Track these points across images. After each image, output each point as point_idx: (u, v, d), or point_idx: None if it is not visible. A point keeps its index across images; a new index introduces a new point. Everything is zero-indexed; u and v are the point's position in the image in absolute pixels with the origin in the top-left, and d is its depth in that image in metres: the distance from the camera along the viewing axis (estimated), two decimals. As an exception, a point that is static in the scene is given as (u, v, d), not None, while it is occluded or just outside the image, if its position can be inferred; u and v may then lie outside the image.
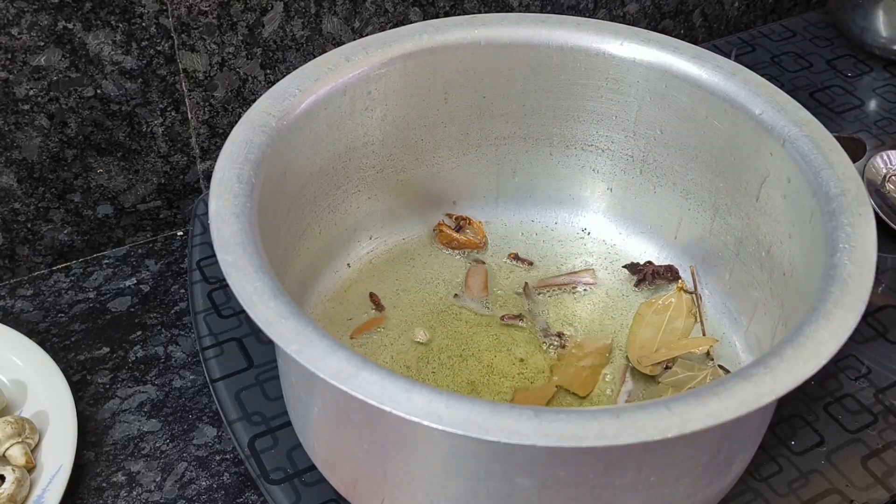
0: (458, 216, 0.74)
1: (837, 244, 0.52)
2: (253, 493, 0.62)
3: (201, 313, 0.69)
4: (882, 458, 0.62)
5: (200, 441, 0.65)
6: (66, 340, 0.71)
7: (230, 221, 0.52)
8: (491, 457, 0.47)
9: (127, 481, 0.62)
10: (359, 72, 0.63)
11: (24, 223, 0.74)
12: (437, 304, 0.69)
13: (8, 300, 0.74)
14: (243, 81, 0.76)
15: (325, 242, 0.68)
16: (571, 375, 0.64)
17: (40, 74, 0.68)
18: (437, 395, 0.44)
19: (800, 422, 0.64)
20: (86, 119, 0.71)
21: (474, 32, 0.66)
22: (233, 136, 0.57)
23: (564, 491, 0.48)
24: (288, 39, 0.76)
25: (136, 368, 0.69)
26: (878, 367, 0.67)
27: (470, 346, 0.66)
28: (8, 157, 0.70)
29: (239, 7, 0.72)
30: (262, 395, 0.63)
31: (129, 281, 0.75)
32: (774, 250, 0.61)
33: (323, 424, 0.54)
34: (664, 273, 0.70)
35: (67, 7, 0.66)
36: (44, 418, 0.63)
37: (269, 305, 0.48)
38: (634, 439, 0.43)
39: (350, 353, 0.46)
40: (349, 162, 0.67)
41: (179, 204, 0.79)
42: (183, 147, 0.76)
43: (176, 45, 0.71)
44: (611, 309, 0.69)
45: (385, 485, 0.52)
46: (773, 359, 0.46)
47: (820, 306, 0.49)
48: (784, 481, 0.60)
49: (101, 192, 0.75)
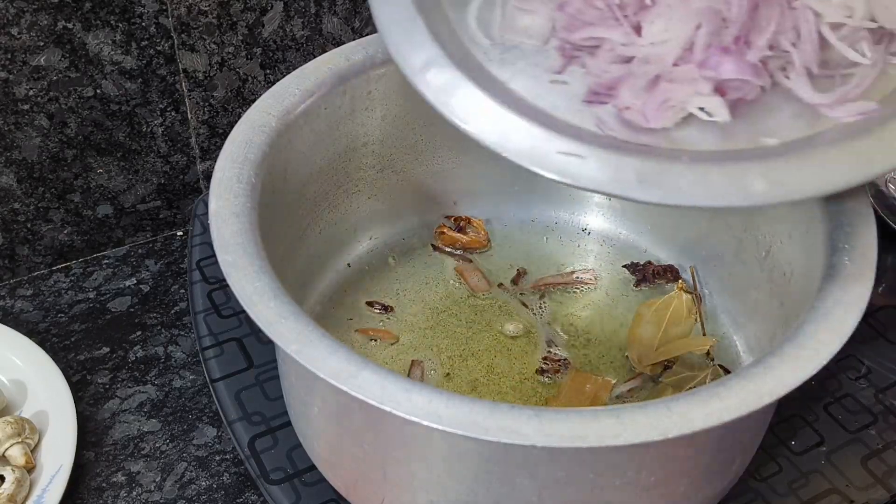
0: (456, 217, 0.74)
1: (837, 244, 0.52)
2: (253, 493, 0.61)
3: (201, 313, 0.69)
4: (882, 458, 0.62)
5: (200, 441, 0.65)
6: (66, 340, 0.71)
7: (230, 221, 0.52)
8: (491, 457, 0.47)
9: (127, 481, 0.62)
10: (359, 72, 0.63)
11: (24, 223, 0.74)
12: (437, 304, 0.69)
13: (8, 300, 0.74)
14: (243, 81, 0.76)
15: (325, 242, 0.68)
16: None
17: (40, 74, 0.68)
18: (437, 395, 0.44)
19: (800, 422, 0.64)
20: (86, 119, 0.71)
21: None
22: (233, 136, 0.57)
23: (564, 491, 0.48)
24: (288, 39, 0.76)
25: (136, 368, 0.69)
26: (878, 367, 0.67)
27: (470, 346, 0.66)
28: (8, 157, 0.70)
29: (239, 7, 0.72)
30: (262, 395, 0.63)
31: (129, 281, 0.75)
32: (774, 250, 0.61)
33: (323, 424, 0.54)
34: (664, 273, 0.70)
35: (67, 7, 0.66)
36: (44, 418, 0.63)
37: (269, 305, 0.48)
38: (634, 439, 0.43)
39: (350, 353, 0.46)
40: (349, 162, 0.67)
41: (179, 204, 0.79)
42: (183, 147, 0.76)
43: (176, 44, 0.71)
44: (611, 309, 0.69)
45: (385, 485, 0.52)
46: (774, 359, 0.46)
47: (820, 306, 0.48)
48: (784, 481, 0.60)
49: (101, 192, 0.75)
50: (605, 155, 0.46)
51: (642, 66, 0.48)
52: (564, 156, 0.46)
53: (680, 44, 0.48)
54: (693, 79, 0.47)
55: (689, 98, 0.47)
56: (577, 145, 0.47)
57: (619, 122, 0.48)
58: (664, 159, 0.46)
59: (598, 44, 0.50)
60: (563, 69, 0.51)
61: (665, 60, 0.48)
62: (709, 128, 0.48)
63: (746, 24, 0.47)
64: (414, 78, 0.50)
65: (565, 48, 0.51)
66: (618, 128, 0.48)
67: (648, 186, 0.45)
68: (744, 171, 0.45)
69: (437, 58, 0.50)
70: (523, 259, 0.73)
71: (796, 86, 0.48)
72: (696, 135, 0.48)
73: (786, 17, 0.47)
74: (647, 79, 0.48)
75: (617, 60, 0.49)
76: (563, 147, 0.47)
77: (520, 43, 0.52)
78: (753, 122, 0.48)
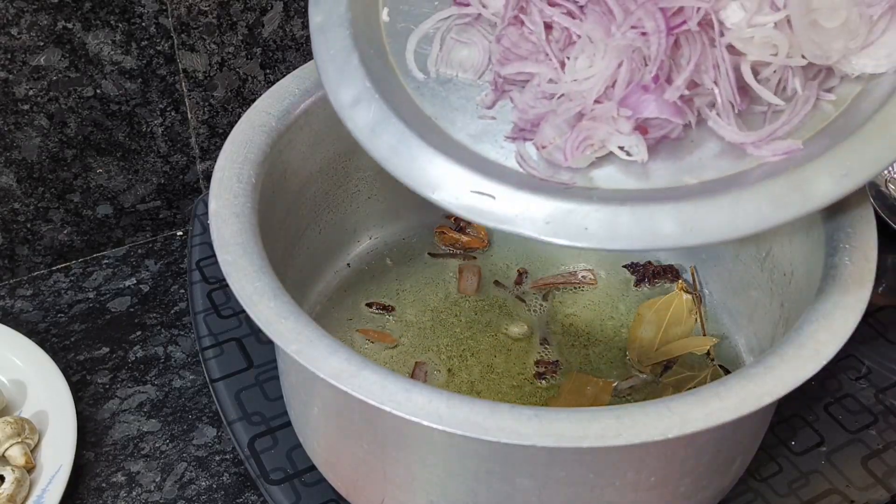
0: (456, 217, 0.74)
1: (837, 244, 0.52)
2: (253, 493, 0.61)
3: (201, 313, 0.69)
4: (882, 458, 0.62)
5: (200, 441, 0.65)
6: (66, 340, 0.71)
7: (230, 221, 0.52)
8: (491, 457, 0.47)
9: (127, 481, 0.62)
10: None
11: (24, 223, 0.74)
12: (437, 304, 0.69)
13: (8, 300, 0.74)
14: (243, 81, 0.76)
15: (325, 242, 0.68)
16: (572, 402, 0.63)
17: (40, 74, 0.68)
18: (437, 395, 0.44)
19: (800, 422, 0.64)
20: (85, 119, 0.71)
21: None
22: (233, 136, 0.57)
23: (564, 491, 0.48)
24: (288, 39, 0.76)
25: (135, 368, 0.69)
26: (878, 367, 0.67)
27: (470, 347, 0.66)
28: (8, 157, 0.70)
29: (239, 7, 0.72)
30: (262, 395, 0.63)
31: (129, 281, 0.75)
32: (775, 250, 0.61)
33: (323, 424, 0.54)
34: (664, 273, 0.70)
35: (67, 7, 0.66)
36: (44, 418, 0.63)
37: (269, 305, 0.48)
38: (634, 439, 0.43)
39: (350, 352, 0.46)
40: (349, 162, 0.67)
41: (179, 204, 0.79)
42: (182, 147, 0.76)
43: (176, 44, 0.71)
44: (611, 309, 0.69)
45: (385, 485, 0.52)
46: (773, 359, 0.46)
47: (820, 306, 0.48)
48: (784, 481, 0.60)
49: (101, 192, 0.75)
50: (516, 195, 0.46)
51: (565, 102, 0.48)
52: (477, 195, 0.46)
53: (602, 81, 0.47)
54: (613, 117, 0.47)
55: (609, 136, 0.47)
56: (491, 184, 0.46)
57: (540, 160, 0.48)
58: (577, 199, 0.45)
59: (527, 78, 0.50)
60: (493, 104, 0.51)
61: (587, 98, 0.47)
62: (630, 167, 0.47)
63: (666, 62, 0.46)
64: (342, 113, 0.50)
65: (497, 82, 0.51)
66: (538, 165, 0.48)
67: (555, 228, 0.45)
68: (654, 212, 0.44)
69: (367, 93, 0.50)
70: (523, 259, 0.73)
71: (718, 124, 0.47)
72: (617, 174, 0.47)
73: (706, 55, 0.46)
74: (568, 116, 0.48)
75: (543, 96, 0.49)
76: (476, 186, 0.46)
77: (454, 76, 0.52)
78: (676, 160, 0.47)
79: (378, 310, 0.68)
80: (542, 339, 0.67)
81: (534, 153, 0.49)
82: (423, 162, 0.48)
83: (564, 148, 0.47)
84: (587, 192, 0.46)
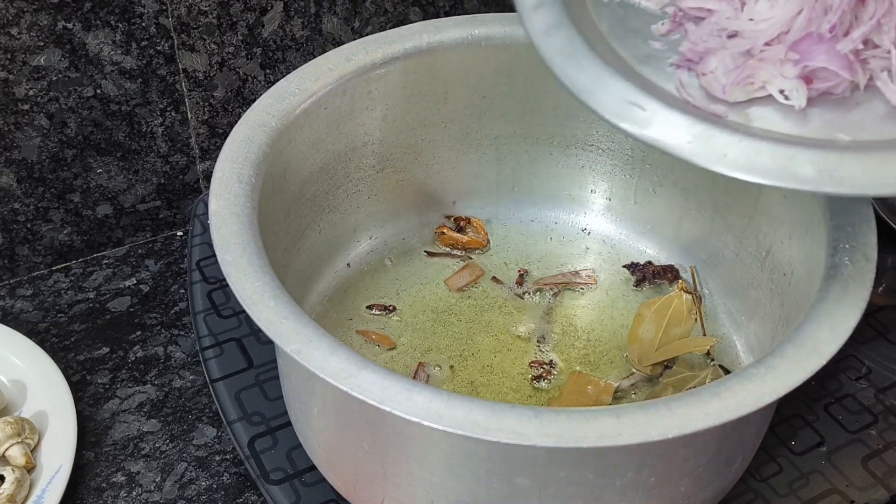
0: (457, 217, 0.74)
1: (837, 244, 0.52)
2: (253, 493, 0.61)
3: (201, 313, 0.69)
4: (882, 458, 0.62)
5: (200, 441, 0.65)
6: (66, 340, 0.71)
7: (230, 221, 0.52)
8: (491, 457, 0.47)
9: (127, 481, 0.62)
10: (359, 72, 0.63)
11: (24, 223, 0.74)
12: (437, 304, 0.69)
13: (8, 300, 0.74)
14: (243, 81, 0.76)
15: (325, 242, 0.68)
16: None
17: (40, 74, 0.68)
18: (437, 395, 0.44)
19: (800, 422, 0.64)
20: (85, 119, 0.71)
21: (474, 32, 0.66)
22: (233, 136, 0.57)
23: (564, 491, 0.48)
24: (288, 39, 0.76)
25: (135, 368, 0.69)
26: (878, 367, 0.67)
27: (470, 346, 0.66)
28: (8, 157, 0.70)
29: (239, 7, 0.72)
30: (261, 395, 0.63)
31: (129, 281, 0.75)
32: (775, 250, 0.61)
33: (323, 424, 0.54)
34: (664, 273, 0.70)
35: (67, 7, 0.66)
36: (43, 418, 0.63)
37: (269, 305, 0.48)
38: (634, 439, 0.43)
39: (350, 352, 0.46)
40: (349, 162, 0.67)
41: (179, 204, 0.79)
42: (183, 147, 0.76)
43: (176, 45, 0.71)
44: (611, 309, 0.69)
45: (385, 485, 0.52)
46: (774, 359, 0.46)
47: (820, 306, 0.49)
48: (784, 481, 0.60)
49: (101, 192, 0.75)
50: (667, 112, 0.47)
51: (736, 40, 0.48)
52: (629, 104, 0.47)
53: (778, 25, 0.47)
54: (780, 59, 0.47)
55: (771, 78, 0.47)
56: (646, 98, 0.47)
57: (698, 90, 0.49)
58: (723, 128, 0.46)
59: (706, 15, 0.51)
60: (667, 34, 0.52)
61: (759, 39, 0.48)
62: (786, 113, 0.47)
63: (847, 14, 0.46)
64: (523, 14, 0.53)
65: (677, 14, 0.52)
66: (695, 94, 0.49)
67: (695, 147, 0.45)
68: (796, 154, 0.44)
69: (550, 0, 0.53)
70: (523, 259, 0.73)
71: (888, 87, 0.47)
72: (771, 116, 0.47)
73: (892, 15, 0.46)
74: (736, 52, 0.48)
75: (717, 34, 0.50)
76: (631, 97, 0.47)
77: (638, 3, 0.54)
78: (835, 115, 0.47)
79: (378, 311, 0.68)
80: (542, 338, 0.67)
81: (694, 83, 0.49)
82: (585, 67, 0.49)
83: (724, 80, 0.48)
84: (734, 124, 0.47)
